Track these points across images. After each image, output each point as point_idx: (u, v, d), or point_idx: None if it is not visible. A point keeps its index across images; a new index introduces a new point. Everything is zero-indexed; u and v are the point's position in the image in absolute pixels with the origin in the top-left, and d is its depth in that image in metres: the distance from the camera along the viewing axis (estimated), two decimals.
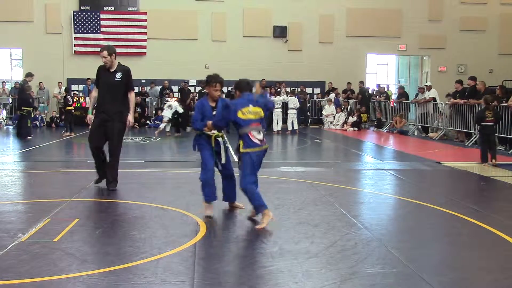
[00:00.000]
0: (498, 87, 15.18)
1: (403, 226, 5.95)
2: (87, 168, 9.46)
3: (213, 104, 6.04)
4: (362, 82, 22.17)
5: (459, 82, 16.31)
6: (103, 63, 7.40)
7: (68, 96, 17.52)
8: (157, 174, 9.11)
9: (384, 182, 8.77)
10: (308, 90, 22.61)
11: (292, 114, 18.69)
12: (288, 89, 20.62)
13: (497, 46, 23.64)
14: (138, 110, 20.46)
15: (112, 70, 7.42)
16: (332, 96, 21.65)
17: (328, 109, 20.98)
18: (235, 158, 6.18)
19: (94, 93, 7.66)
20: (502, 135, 13.49)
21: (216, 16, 22.59)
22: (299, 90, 21.64)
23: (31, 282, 3.88)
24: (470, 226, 5.75)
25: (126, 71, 7.49)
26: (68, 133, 16.46)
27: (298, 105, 19.04)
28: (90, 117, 7.78)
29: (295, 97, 19.42)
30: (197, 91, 21.19)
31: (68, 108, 17.21)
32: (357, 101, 21.74)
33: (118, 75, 7.41)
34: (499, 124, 13.46)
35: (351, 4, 22.99)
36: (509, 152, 12.83)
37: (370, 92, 22.24)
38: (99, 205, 6.59)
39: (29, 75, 17.27)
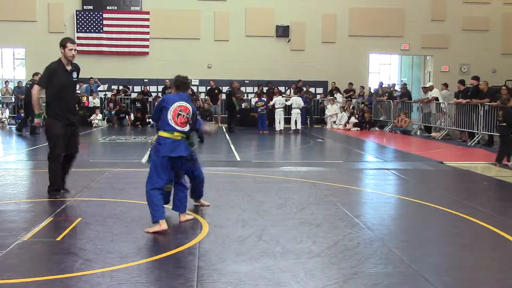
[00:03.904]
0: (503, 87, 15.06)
1: (406, 226, 5.94)
2: (90, 167, 9.48)
3: None
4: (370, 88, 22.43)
5: (461, 82, 16.30)
6: (62, 60, 6.79)
7: None
8: None
9: (387, 182, 8.76)
10: (311, 90, 22.59)
11: (295, 113, 18.68)
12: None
13: (500, 46, 23.60)
14: (138, 105, 20.49)
15: (68, 69, 6.86)
16: (339, 96, 21.60)
17: (331, 109, 20.96)
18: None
19: (39, 93, 6.88)
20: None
21: (219, 15, 22.59)
22: (304, 89, 21.63)
23: (33, 281, 3.88)
24: (473, 226, 5.74)
25: (79, 70, 7.04)
26: None
27: (302, 105, 19.03)
28: (39, 121, 7.27)
29: (298, 96, 19.41)
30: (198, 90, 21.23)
31: None
32: (359, 101, 21.74)
33: (75, 75, 6.95)
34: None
35: (353, 4, 22.96)
36: None
37: (372, 91, 22.28)
38: (101, 204, 6.59)
39: (36, 74, 17.31)
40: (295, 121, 18.61)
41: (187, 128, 5.51)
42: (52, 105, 6.82)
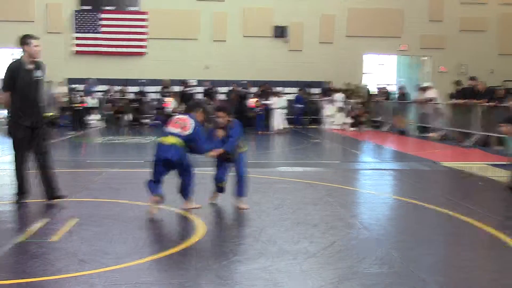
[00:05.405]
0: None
1: (402, 226, 5.96)
2: (87, 168, 9.48)
3: None
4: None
5: (458, 82, 16.37)
6: (23, 59, 6.62)
7: (78, 96, 17.83)
8: None
9: (383, 182, 8.79)
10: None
11: (283, 113, 18.88)
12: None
13: (497, 46, 23.64)
14: (135, 105, 20.51)
15: (30, 67, 6.57)
16: (340, 96, 21.59)
17: (331, 109, 20.96)
18: None
19: (7, 97, 6.53)
20: (502, 135, 13.48)
21: (217, 15, 22.59)
22: (300, 90, 21.65)
23: (29, 282, 3.89)
24: (468, 226, 5.76)
25: (44, 68, 6.76)
26: (73, 132, 16.47)
27: (286, 105, 19.22)
28: None
29: (281, 97, 19.61)
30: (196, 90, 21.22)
31: (75, 105, 17.52)
32: (357, 101, 21.75)
33: (39, 73, 6.62)
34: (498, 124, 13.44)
35: (352, 4, 22.98)
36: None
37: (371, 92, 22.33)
38: (99, 205, 6.60)
39: None
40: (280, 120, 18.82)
41: (184, 132, 5.89)
42: (14, 107, 6.53)
